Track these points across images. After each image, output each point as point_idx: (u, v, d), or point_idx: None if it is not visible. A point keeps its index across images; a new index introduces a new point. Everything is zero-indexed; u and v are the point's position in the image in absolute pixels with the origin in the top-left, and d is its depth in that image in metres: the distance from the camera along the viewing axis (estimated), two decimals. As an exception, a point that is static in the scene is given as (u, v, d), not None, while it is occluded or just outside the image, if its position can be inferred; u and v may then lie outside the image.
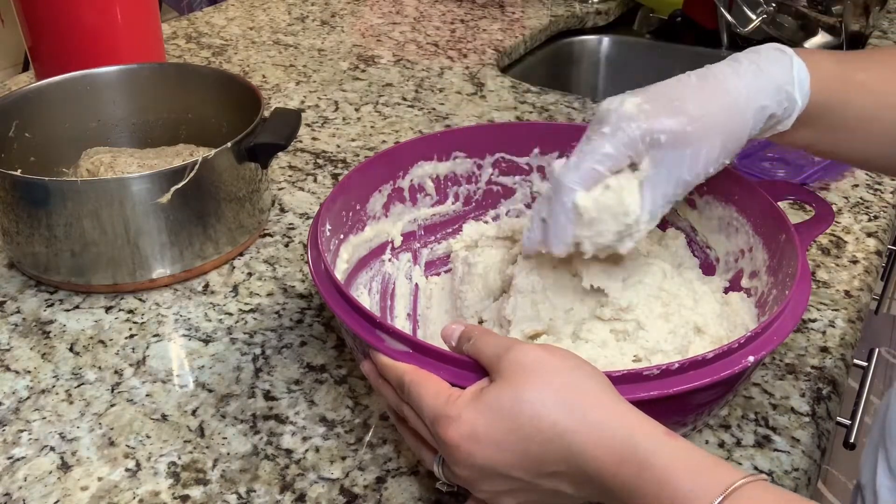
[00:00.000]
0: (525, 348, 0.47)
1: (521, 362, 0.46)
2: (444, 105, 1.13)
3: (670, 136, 0.52)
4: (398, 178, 0.71)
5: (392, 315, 0.71)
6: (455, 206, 0.75)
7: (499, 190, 0.76)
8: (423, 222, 0.75)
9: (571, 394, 0.44)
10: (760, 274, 0.63)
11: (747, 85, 0.54)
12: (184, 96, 0.90)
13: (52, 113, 0.86)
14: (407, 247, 0.74)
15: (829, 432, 0.65)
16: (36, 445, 0.61)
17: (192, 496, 0.57)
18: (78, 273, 0.75)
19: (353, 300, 0.53)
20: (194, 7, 1.77)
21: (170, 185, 0.72)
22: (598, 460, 0.43)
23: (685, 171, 0.54)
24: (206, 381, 0.67)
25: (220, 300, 0.76)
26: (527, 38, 1.41)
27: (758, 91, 0.54)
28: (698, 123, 0.53)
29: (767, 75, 0.54)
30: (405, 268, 0.74)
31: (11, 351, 0.70)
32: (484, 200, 0.76)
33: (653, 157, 0.53)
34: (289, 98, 1.15)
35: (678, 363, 0.48)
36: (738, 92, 0.54)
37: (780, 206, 0.62)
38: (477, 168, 0.74)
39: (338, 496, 0.57)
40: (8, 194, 0.73)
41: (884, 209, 0.90)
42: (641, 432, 0.43)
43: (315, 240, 0.59)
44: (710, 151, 0.54)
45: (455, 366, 0.49)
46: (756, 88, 0.54)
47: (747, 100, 0.54)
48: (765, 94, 0.54)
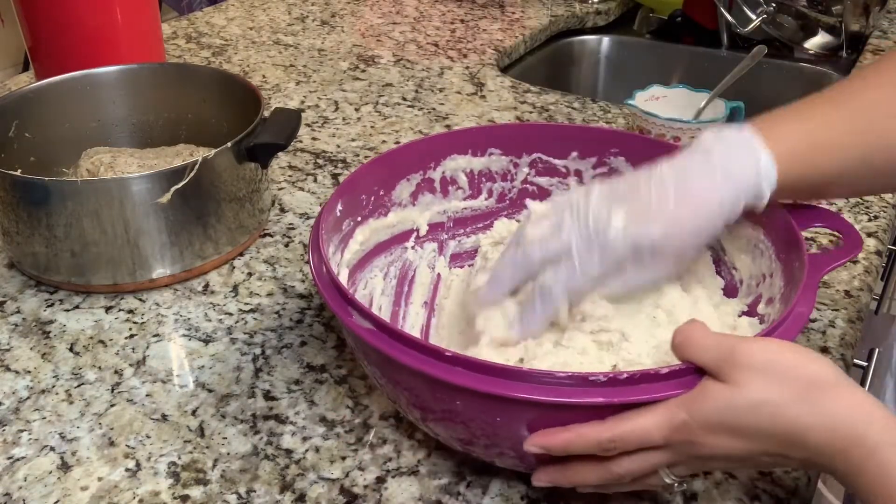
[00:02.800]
0: (750, 349, 0.47)
1: (750, 364, 0.46)
2: (444, 105, 1.13)
3: (651, 250, 0.56)
4: (429, 168, 0.72)
5: (408, 301, 0.72)
6: (488, 202, 0.75)
7: (534, 190, 0.75)
8: (454, 214, 0.75)
9: (810, 386, 0.45)
10: (775, 301, 0.61)
11: (719, 189, 0.56)
12: (184, 96, 0.90)
13: (52, 113, 0.86)
14: (433, 237, 0.75)
15: (829, 432, 0.65)
16: (36, 445, 0.61)
17: (192, 496, 0.57)
18: (78, 273, 0.75)
19: (355, 301, 0.53)
20: (194, 7, 1.77)
21: (170, 185, 0.72)
22: (824, 452, 0.44)
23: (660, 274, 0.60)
24: (206, 381, 0.67)
25: (220, 300, 0.76)
26: (527, 38, 1.41)
27: (730, 195, 0.56)
28: (675, 239, 0.57)
29: (737, 178, 0.56)
30: (429, 257, 0.74)
31: (11, 351, 0.70)
32: (518, 199, 0.75)
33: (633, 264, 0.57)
34: (289, 98, 1.15)
35: (627, 373, 0.47)
36: (712, 201, 0.56)
37: (800, 233, 0.60)
38: (513, 166, 0.74)
39: (338, 496, 0.57)
40: (8, 194, 0.73)
41: (884, 209, 0.90)
42: (874, 422, 0.44)
43: (317, 242, 0.59)
44: (683, 257, 0.60)
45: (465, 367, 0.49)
46: (728, 192, 0.56)
47: (720, 206, 0.56)
48: (736, 198, 0.56)
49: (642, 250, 0.56)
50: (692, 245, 0.58)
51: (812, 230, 0.86)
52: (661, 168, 0.57)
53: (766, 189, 0.56)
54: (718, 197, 0.56)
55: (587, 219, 0.57)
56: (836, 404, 0.45)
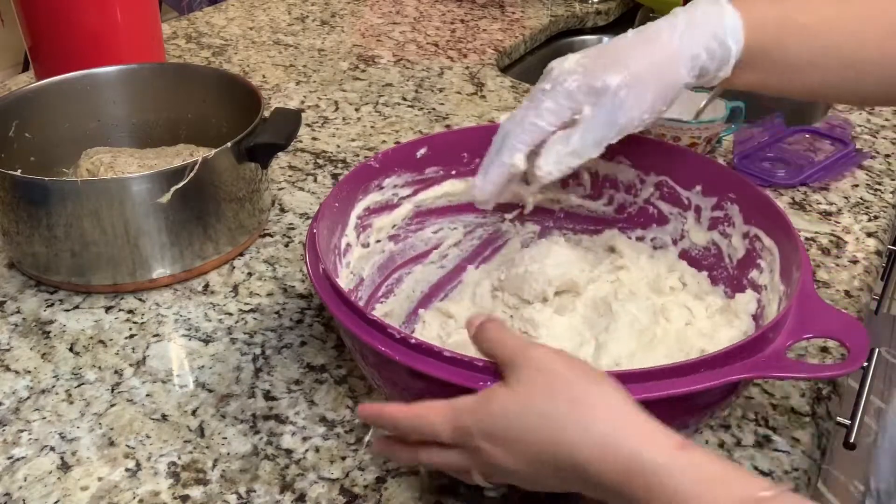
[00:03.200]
0: (540, 356, 0.47)
1: (536, 368, 0.46)
2: (444, 105, 1.13)
3: (605, 86, 0.56)
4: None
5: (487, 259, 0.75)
6: (606, 208, 0.73)
7: (654, 213, 0.71)
8: (567, 208, 0.74)
9: (580, 407, 0.44)
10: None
11: (680, 36, 0.58)
12: (184, 96, 0.90)
13: (52, 113, 0.86)
14: (537, 220, 0.75)
15: (829, 432, 0.65)
16: (36, 445, 0.61)
17: (192, 496, 0.57)
18: (78, 273, 0.75)
19: (354, 304, 0.53)
20: (194, 7, 1.77)
21: (170, 185, 0.72)
22: (603, 475, 0.43)
23: (620, 115, 0.57)
24: (206, 381, 0.67)
25: (220, 300, 0.76)
26: (527, 38, 1.41)
27: (690, 42, 0.57)
28: (631, 74, 0.57)
29: (700, 26, 0.57)
30: (523, 234, 0.75)
31: (11, 351, 0.70)
32: (637, 216, 0.72)
33: (591, 104, 0.57)
34: (289, 98, 1.15)
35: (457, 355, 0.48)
36: (671, 45, 0.57)
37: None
38: (639, 181, 0.71)
39: (338, 496, 0.57)
40: (8, 194, 0.73)
41: (884, 209, 0.90)
42: (650, 446, 0.42)
43: (313, 242, 0.59)
44: (643, 99, 0.58)
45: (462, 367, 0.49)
46: (688, 39, 0.57)
47: (679, 50, 0.57)
48: (696, 44, 0.57)
49: (595, 88, 0.57)
50: (649, 90, 0.57)
51: (811, 232, 0.86)
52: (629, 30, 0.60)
53: (731, 44, 0.57)
54: (678, 41, 0.57)
55: (550, 72, 0.59)
56: (610, 428, 0.43)
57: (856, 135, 1.05)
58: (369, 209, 0.69)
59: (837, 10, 0.59)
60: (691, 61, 0.57)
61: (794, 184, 0.93)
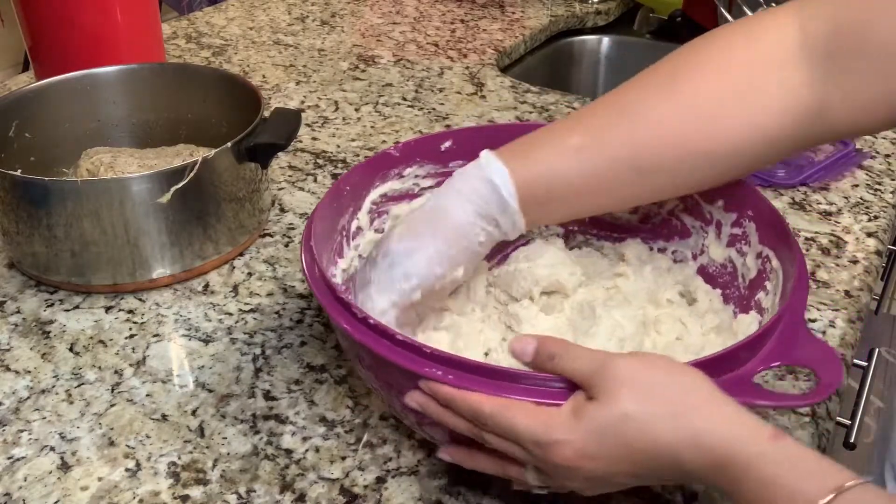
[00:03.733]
0: (619, 361, 0.47)
1: (617, 377, 0.46)
2: (444, 105, 1.13)
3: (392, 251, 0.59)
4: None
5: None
6: (630, 216, 0.72)
7: (677, 225, 0.70)
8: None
9: (675, 404, 0.45)
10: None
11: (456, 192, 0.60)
12: (184, 96, 0.90)
13: (52, 113, 0.86)
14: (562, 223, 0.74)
15: (829, 432, 0.65)
16: (36, 445, 0.61)
17: (192, 496, 0.57)
18: (78, 273, 0.75)
19: (354, 307, 0.53)
20: (194, 7, 1.77)
21: (170, 185, 0.72)
22: (700, 469, 0.44)
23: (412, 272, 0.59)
24: (206, 381, 0.67)
25: (220, 300, 0.76)
26: (527, 38, 1.41)
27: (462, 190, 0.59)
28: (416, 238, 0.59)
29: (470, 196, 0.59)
30: (546, 235, 0.74)
31: (11, 351, 0.70)
32: (661, 227, 0.71)
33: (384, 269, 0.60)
34: (289, 98, 1.15)
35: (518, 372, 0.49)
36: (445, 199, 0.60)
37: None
38: None
39: (338, 496, 0.57)
40: (8, 194, 0.73)
41: (884, 209, 0.90)
42: (742, 437, 0.43)
43: (308, 243, 0.59)
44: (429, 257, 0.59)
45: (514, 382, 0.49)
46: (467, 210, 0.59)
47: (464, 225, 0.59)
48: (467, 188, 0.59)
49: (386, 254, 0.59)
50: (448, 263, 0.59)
51: (811, 232, 0.86)
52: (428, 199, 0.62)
53: (508, 198, 0.58)
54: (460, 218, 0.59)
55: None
56: (703, 421, 0.44)
57: (856, 135, 1.05)
58: (387, 196, 0.70)
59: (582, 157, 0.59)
60: (471, 210, 0.59)
61: (794, 184, 0.93)
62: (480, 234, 0.60)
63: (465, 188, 0.59)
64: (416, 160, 0.70)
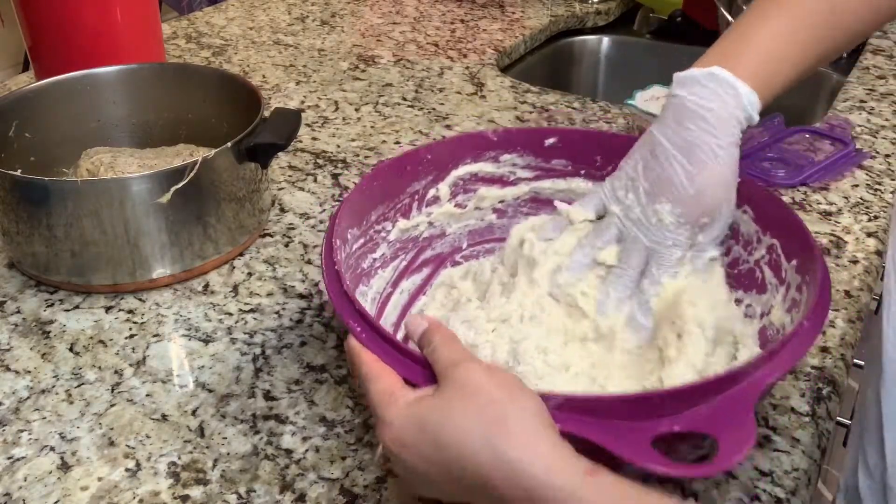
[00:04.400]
0: (471, 370, 0.46)
1: (462, 383, 0.46)
2: (444, 105, 1.13)
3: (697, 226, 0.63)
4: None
5: None
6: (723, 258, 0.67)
7: (759, 278, 0.66)
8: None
9: (498, 428, 0.44)
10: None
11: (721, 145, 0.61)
12: (184, 96, 0.90)
13: (52, 113, 0.86)
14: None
15: (829, 432, 0.65)
16: (36, 445, 0.61)
17: (192, 496, 0.57)
18: (78, 273, 0.75)
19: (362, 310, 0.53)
20: (194, 7, 1.77)
21: (170, 185, 0.72)
22: (511, 499, 0.43)
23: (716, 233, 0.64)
24: (206, 381, 0.67)
25: (220, 300, 0.76)
26: (527, 38, 1.41)
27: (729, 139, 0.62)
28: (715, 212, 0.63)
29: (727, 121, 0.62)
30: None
31: (11, 351, 0.70)
32: (745, 277, 0.67)
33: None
34: (289, 98, 1.15)
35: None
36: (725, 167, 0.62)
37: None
38: (756, 239, 0.66)
39: (338, 496, 0.57)
40: (8, 194, 0.73)
41: (884, 209, 0.90)
42: (560, 471, 0.42)
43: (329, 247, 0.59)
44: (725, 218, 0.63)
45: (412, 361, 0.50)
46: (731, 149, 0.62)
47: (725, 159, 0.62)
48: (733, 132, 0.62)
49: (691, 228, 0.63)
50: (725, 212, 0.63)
51: (812, 231, 0.86)
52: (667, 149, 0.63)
53: (754, 115, 0.62)
54: (729, 159, 0.62)
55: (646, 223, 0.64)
56: (518, 451, 0.43)
57: (856, 135, 1.05)
58: (477, 176, 0.72)
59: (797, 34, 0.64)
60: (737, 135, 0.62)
61: (794, 184, 0.93)
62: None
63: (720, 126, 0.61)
64: (515, 149, 0.72)
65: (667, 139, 0.62)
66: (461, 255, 0.75)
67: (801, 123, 1.06)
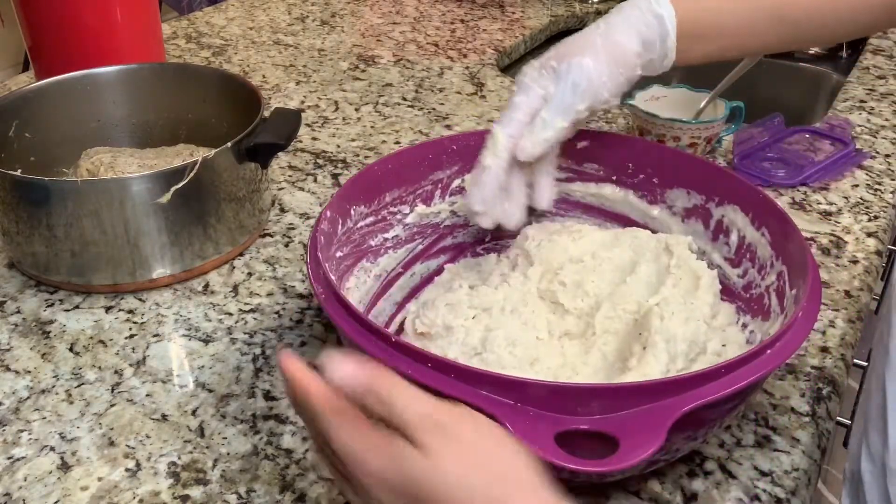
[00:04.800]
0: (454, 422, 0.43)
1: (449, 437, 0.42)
2: (444, 105, 1.13)
3: (562, 64, 0.66)
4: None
5: None
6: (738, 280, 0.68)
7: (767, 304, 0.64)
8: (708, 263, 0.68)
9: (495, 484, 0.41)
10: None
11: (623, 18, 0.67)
12: (184, 96, 0.90)
13: (52, 113, 0.86)
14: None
15: (829, 432, 0.65)
16: (36, 445, 0.61)
17: (192, 496, 0.57)
18: (78, 273, 0.75)
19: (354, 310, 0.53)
20: (194, 7, 1.77)
21: (170, 185, 0.72)
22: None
23: (581, 80, 0.66)
24: (206, 381, 0.67)
25: (220, 300, 0.76)
26: (527, 38, 1.41)
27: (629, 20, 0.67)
28: (583, 49, 0.66)
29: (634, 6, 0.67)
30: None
31: (11, 351, 0.70)
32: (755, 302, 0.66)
33: (554, 82, 0.67)
34: (289, 98, 1.15)
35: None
36: (614, 24, 0.67)
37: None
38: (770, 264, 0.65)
39: (338, 496, 0.57)
40: (8, 194, 0.73)
41: (884, 209, 0.90)
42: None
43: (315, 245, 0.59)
44: (600, 68, 0.66)
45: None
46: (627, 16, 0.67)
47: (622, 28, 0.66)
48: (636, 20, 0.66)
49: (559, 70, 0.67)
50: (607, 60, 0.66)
51: (811, 232, 0.86)
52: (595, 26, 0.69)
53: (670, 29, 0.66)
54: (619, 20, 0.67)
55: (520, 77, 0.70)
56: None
57: (856, 135, 1.05)
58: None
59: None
60: (636, 35, 0.66)
61: (794, 184, 0.93)
62: (637, 67, 0.67)
63: (633, 16, 0.66)
64: None
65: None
66: (483, 248, 0.76)
67: (801, 123, 1.06)
